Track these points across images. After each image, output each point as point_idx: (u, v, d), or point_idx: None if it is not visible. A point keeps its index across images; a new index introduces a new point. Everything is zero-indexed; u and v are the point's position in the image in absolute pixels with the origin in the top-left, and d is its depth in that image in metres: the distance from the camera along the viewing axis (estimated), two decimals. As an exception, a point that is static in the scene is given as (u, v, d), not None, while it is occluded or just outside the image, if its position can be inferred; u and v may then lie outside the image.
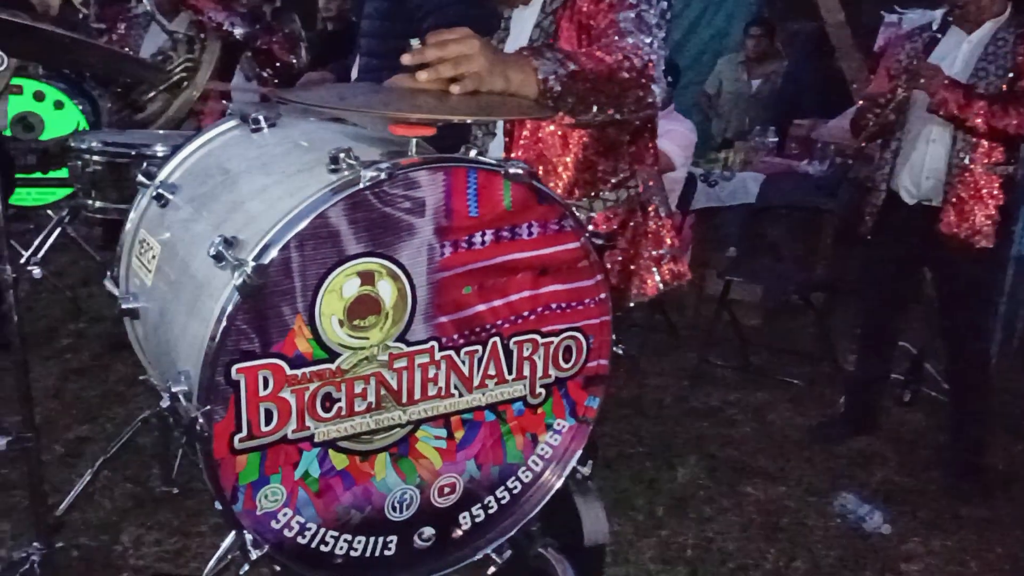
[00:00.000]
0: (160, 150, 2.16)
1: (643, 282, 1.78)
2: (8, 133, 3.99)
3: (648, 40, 1.47)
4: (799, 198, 4.55)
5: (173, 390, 1.17)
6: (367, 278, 1.20)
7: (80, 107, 4.34)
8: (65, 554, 2.13)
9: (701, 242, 4.73)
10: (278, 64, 3.51)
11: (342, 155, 1.17)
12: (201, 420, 1.13)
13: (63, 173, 4.42)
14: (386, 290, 1.22)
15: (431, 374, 1.30)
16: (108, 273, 1.61)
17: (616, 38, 1.46)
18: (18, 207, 4.05)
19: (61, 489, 2.48)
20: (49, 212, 4.27)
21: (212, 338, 1.12)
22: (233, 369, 1.14)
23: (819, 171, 4.71)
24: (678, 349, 4.22)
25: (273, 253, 1.12)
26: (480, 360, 1.33)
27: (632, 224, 1.76)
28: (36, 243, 4.51)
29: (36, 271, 4.15)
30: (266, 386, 1.17)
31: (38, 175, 4.35)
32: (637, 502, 2.82)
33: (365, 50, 2.40)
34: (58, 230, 4.51)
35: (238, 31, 3.33)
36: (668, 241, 1.81)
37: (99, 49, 2.56)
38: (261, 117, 1.46)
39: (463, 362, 1.32)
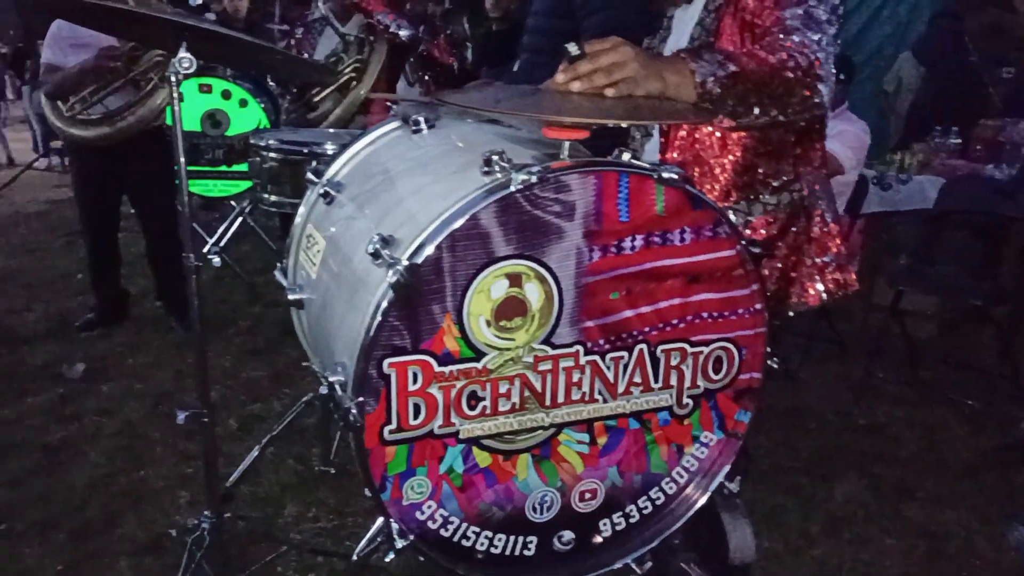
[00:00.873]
0: (330, 148, 2.27)
1: (804, 291, 1.69)
2: (198, 128, 4.32)
3: (816, 37, 1.40)
4: (983, 204, 4.18)
5: (330, 379, 1.23)
6: (515, 280, 1.21)
7: (262, 105, 4.65)
8: (232, 524, 2.28)
9: (871, 249, 4.45)
10: (439, 67, 3.62)
11: (495, 157, 1.19)
12: (354, 410, 1.18)
13: (245, 167, 4.79)
14: (533, 292, 1.22)
15: (575, 378, 1.29)
16: (278, 264, 1.72)
17: (781, 36, 1.40)
18: (204, 197, 4.38)
19: (234, 462, 2.67)
20: (232, 203, 4.61)
21: (367, 332, 1.16)
22: (385, 363, 1.18)
23: (1007, 175, 4.31)
24: (843, 360, 4.00)
25: (426, 253, 1.15)
26: (625, 367, 1.32)
27: (794, 230, 1.67)
28: (219, 232, 4.91)
29: (215, 259, 4.51)
30: (415, 381, 1.21)
31: (223, 168, 4.72)
32: (790, 519, 2.69)
33: (528, 47, 2.42)
34: (239, 220, 4.92)
35: (404, 33, 3.45)
36: (834, 248, 1.71)
37: (280, 54, 2.74)
38: (421, 119, 1.50)
39: (608, 368, 1.31)
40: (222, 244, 4.77)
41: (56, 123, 3.63)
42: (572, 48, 1.26)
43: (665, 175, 1.24)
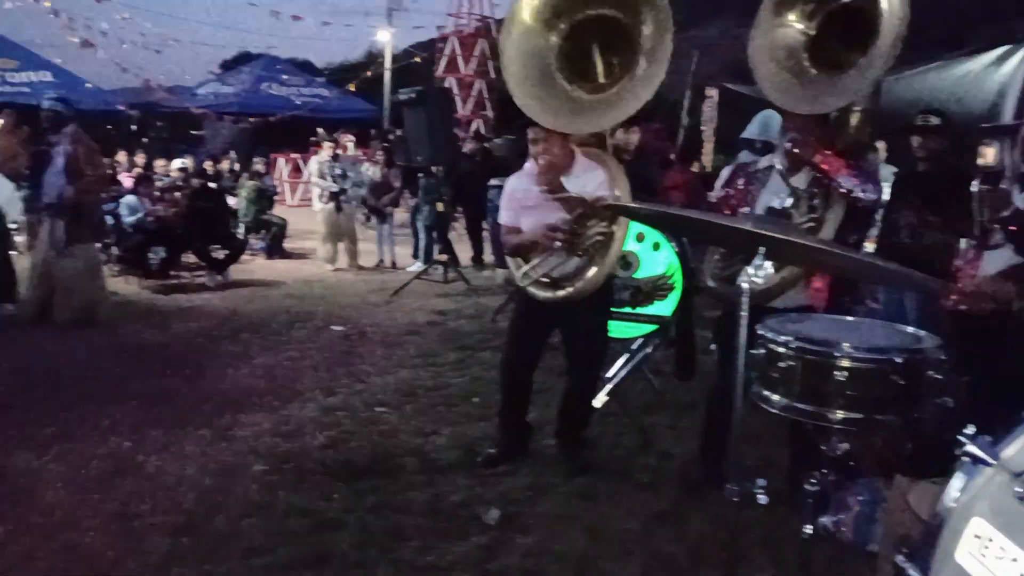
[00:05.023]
0: (853, 352, 1.97)
1: None
2: (608, 270, 4.27)
3: None
4: None
5: None
6: None
7: (676, 250, 4.57)
8: None
9: None
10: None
11: None
12: None
13: (649, 309, 4.71)
14: None
15: None
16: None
17: None
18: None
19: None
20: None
21: None
22: None
23: None
24: None
25: None
26: None
27: None
28: (612, 371, 4.85)
29: (602, 397, 4.42)
30: None
31: (627, 309, 4.67)
32: None
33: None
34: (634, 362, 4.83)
35: (868, 197, 3.13)
36: None
37: (708, 223, 2.54)
38: None
39: None
40: (611, 386, 4.76)
41: (514, 276, 3.87)
42: None
43: None
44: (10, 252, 7.18)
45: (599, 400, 4.62)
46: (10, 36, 17.66)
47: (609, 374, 4.76)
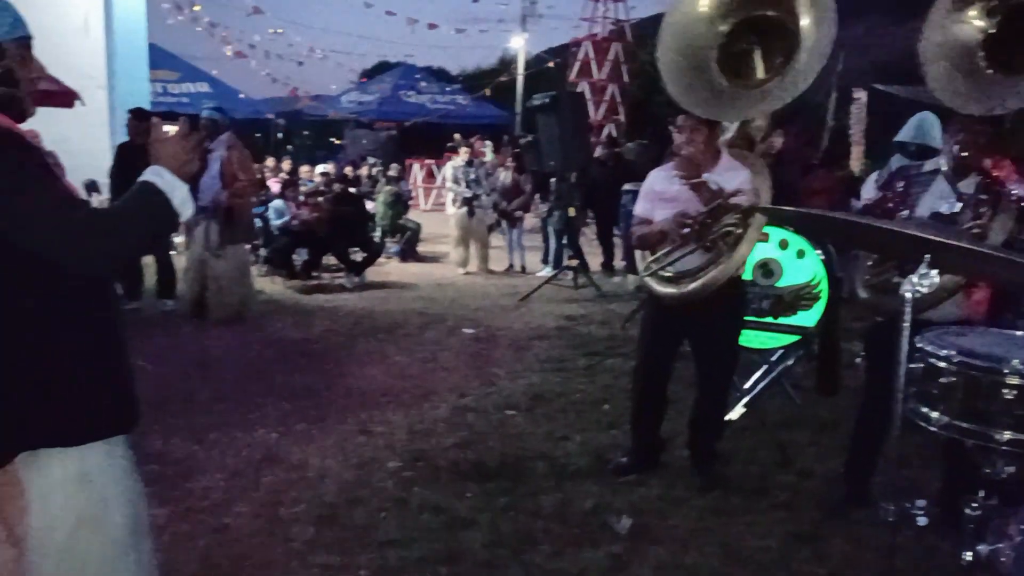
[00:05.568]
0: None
1: None
2: (748, 277, 4.16)
3: None
4: None
5: None
6: None
7: (822, 258, 4.38)
8: None
9: None
10: None
11: None
12: None
13: (791, 320, 4.53)
14: None
15: None
16: None
17: None
18: (742, 347, 4.17)
19: None
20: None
21: None
22: None
23: None
24: None
25: None
26: None
27: None
28: (750, 383, 4.69)
29: (739, 409, 4.25)
30: None
31: (768, 319, 4.51)
32: None
33: None
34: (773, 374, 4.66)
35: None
36: None
37: (865, 226, 2.39)
38: None
39: None
40: (748, 398, 4.61)
41: (640, 272, 3.75)
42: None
43: None
44: (170, 252, 7.71)
45: (735, 413, 4.49)
46: (172, 50, 19.03)
47: (746, 386, 4.61)
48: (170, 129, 2.00)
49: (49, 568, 1.82)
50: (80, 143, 8.73)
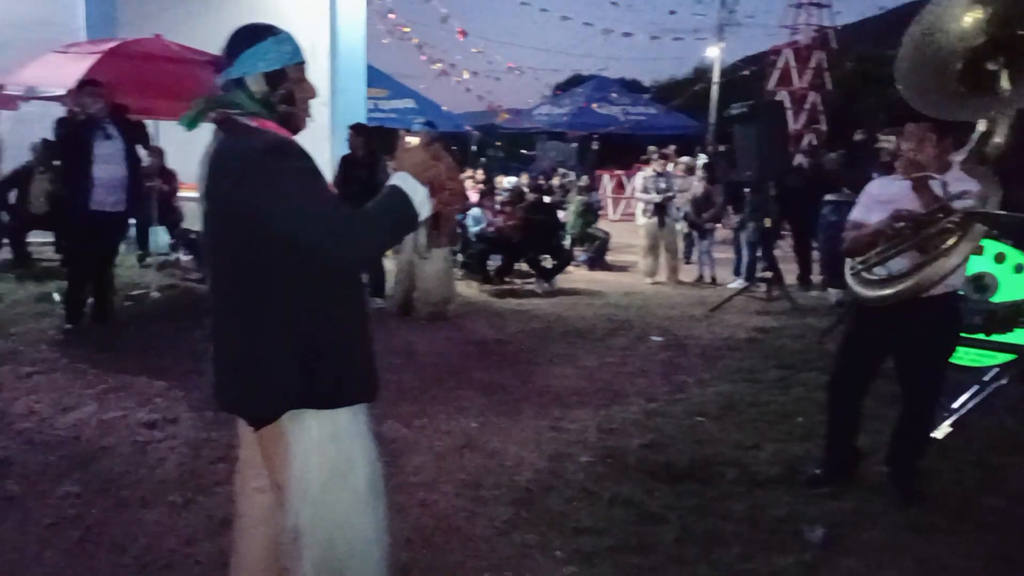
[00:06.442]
0: None
1: None
2: (959, 291, 3.97)
3: None
4: None
5: None
6: None
7: (1042, 273, 4.11)
8: None
9: None
10: None
11: None
12: None
13: (1007, 338, 4.28)
14: None
15: None
16: None
17: None
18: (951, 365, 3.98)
19: None
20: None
21: None
22: None
23: None
24: None
25: None
26: None
27: None
28: (959, 402, 4.46)
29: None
30: None
31: (979, 336, 4.28)
32: None
33: None
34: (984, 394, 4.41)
35: None
36: None
37: None
38: None
39: None
40: (954, 417, 4.39)
41: (847, 277, 3.69)
42: None
43: None
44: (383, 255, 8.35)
45: (940, 431, 4.30)
46: (382, 68, 20.40)
47: (955, 405, 4.39)
48: (412, 140, 2.29)
49: (306, 514, 2.14)
50: (306, 155, 9.59)
